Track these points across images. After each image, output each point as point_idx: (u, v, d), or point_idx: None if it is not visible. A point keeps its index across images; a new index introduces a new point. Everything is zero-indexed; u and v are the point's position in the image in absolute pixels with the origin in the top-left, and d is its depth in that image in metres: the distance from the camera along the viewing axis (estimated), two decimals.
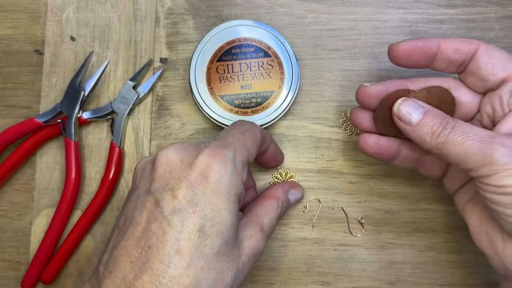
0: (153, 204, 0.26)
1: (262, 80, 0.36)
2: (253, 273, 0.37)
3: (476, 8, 0.39)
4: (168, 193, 0.26)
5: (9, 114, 0.39)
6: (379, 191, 0.38)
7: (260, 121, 0.36)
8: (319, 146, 0.38)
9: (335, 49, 0.39)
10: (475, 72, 0.31)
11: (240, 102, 0.36)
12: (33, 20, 0.40)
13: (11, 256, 0.38)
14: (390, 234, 0.37)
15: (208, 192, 0.26)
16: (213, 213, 0.26)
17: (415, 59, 0.31)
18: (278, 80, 0.36)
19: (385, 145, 0.33)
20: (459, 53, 0.31)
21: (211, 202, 0.26)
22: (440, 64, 0.31)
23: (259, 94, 0.36)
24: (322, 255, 0.37)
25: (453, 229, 0.37)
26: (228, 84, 0.36)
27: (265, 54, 0.36)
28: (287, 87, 0.36)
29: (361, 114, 0.33)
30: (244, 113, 0.36)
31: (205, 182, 0.26)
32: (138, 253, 0.25)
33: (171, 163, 0.27)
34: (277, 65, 0.36)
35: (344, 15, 0.39)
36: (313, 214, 0.38)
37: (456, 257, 0.37)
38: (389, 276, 0.37)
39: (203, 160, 0.26)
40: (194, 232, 0.25)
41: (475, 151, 0.26)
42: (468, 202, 0.31)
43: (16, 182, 0.38)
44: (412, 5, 0.39)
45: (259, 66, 0.36)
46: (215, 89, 0.36)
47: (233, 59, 0.36)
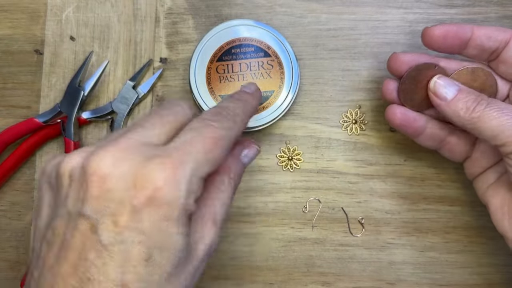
0: (89, 230, 0.21)
1: (262, 80, 0.36)
2: (253, 273, 0.37)
3: (476, 8, 0.39)
4: (107, 218, 0.21)
5: (9, 114, 0.39)
6: (379, 191, 0.38)
7: (260, 121, 0.36)
8: (319, 146, 0.38)
9: (335, 49, 0.38)
10: (508, 60, 0.31)
11: None
12: (32, 20, 0.40)
13: (11, 256, 0.38)
14: (390, 234, 0.37)
15: (157, 218, 0.21)
16: (162, 241, 0.22)
17: (449, 43, 0.31)
18: (278, 80, 0.36)
19: (412, 118, 0.33)
20: (492, 40, 0.31)
21: (160, 228, 0.22)
22: (473, 50, 0.31)
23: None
24: (322, 255, 0.37)
25: (454, 229, 0.37)
26: (228, 84, 0.36)
27: (265, 54, 0.36)
28: (287, 87, 0.36)
29: (393, 84, 0.33)
30: None
31: (153, 207, 0.21)
32: (77, 283, 0.21)
33: (108, 180, 0.21)
34: (277, 65, 0.36)
35: (344, 15, 0.39)
36: (313, 214, 0.38)
37: (457, 257, 0.37)
38: (389, 276, 0.37)
39: (151, 181, 0.21)
40: (140, 264, 0.21)
41: (510, 127, 0.26)
42: (490, 186, 0.32)
43: (16, 182, 0.38)
44: (413, 5, 0.39)
45: (259, 66, 0.36)
46: (215, 89, 0.36)
47: (233, 59, 0.36)
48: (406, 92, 0.33)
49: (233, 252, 0.37)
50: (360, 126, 0.38)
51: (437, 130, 0.33)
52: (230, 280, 0.37)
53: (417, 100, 0.33)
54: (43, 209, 0.24)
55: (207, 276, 0.37)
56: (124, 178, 0.22)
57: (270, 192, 0.38)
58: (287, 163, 0.38)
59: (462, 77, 0.32)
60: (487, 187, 0.32)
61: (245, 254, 0.37)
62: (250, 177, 0.38)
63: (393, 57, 0.33)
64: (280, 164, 0.38)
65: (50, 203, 0.24)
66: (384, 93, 0.34)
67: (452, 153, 0.34)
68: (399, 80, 0.33)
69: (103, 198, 0.21)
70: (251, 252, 0.37)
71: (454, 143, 0.33)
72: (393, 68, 0.33)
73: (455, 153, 0.34)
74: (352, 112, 0.38)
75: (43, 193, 0.25)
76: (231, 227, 0.38)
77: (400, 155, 0.38)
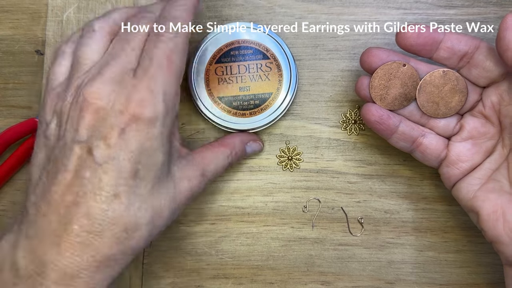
0: (86, 153, 0.26)
1: (260, 82, 0.36)
2: (253, 272, 0.37)
3: (475, 8, 0.39)
4: (101, 141, 0.26)
5: (10, 114, 0.39)
6: (378, 191, 0.38)
7: (258, 122, 0.36)
8: (319, 146, 0.38)
9: (334, 49, 0.39)
10: (479, 63, 0.31)
11: (238, 103, 0.36)
12: (33, 20, 0.40)
13: None
14: (389, 234, 0.37)
15: (141, 138, 0.26)
16: (146, 157, 0.27)
17: (422, 41, 0.31)
18: (276, 82, 0.36)
19: (386, 115, 0.33)
20: (463, 44, 0.31)
21: (143, 147, 0.26)
22: (444, 52, 0.32)
23: (257, 96, 0.36)
24: (322, 255, 0.37)
25: (453, 229, 0.37)
26: (226, 85, 0.36)
27: (263, 56, 0.36)
28: (285, 89, 0.36)
29: (366, 81, 0.33)
30: (242, 114, 0.36)
31: (137, 128, 0.26)
32: (73, 198, 0.26)
33: (101, 111, 0.26)
34: (276, 67, 0.36)
35: (343, 16, 0.39)
36: (313, 214, 0.38)
37: (456, 256, 0.37)
38: (388, 276, 0.37)
39: (132, 104, 0.26)
40: (130, 177, 0.26)
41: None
42: (478, 191, 0.32)
43: (16, 182, 0.38)
44: (412, 6, 0.39)
45: (258, 68, 0.36)
46: (213, 90, 0.36)
47: (232, 61, 0.36)
48: (377, 89, 0.33)
49: (233, 251, 0.38)
50: (360, 126, 0.38)
51: (410, 130, 0.33)
52: (230, 280, 0.37)
53: (388, 99, 0.33)
54: (40, 145, 0.29)
55: (207, 275, 0.37)
56: (113, 107, 0.26)
57: (270, 192, 0.38)
58: (287, 163, 0.38)
59: (435, 79, 0.32)
60: (474, 193, 0.32)
61: (245, 254, 0.37)
62: (250, 177, 0.38)
63: (367, 51, 0.33)
64: (280, 164, 0.38)
65: (45, 143, 0.28)
66: (357, 90, 0.34)
67: (425, 155, 0.34)
68: (371, 77, 0.33)
69: (96, 125, 0.26)
70: (251, 252, 0.37)
71: (426, 143, 0.33)
72: (366, 62, 0.33)
73: (428, 155, 0.33)
74: (352, 112, 0.38)
75: (43, 128, 0.29)
76: (231, 227, 0.38)
77: (399, 155, 0.38)
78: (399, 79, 0.33)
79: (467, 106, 0.33)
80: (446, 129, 0.34)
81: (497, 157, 0.32)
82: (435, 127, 0.34)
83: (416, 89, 0.33)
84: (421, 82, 0.33)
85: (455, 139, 0.33)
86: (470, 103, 0.33)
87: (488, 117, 0.33)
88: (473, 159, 0.32)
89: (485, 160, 0.32)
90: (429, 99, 0.33)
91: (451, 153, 0.33)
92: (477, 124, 0.33)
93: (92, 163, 0.26)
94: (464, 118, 0.33)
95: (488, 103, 0.32)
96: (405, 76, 0.33)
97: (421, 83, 0.33)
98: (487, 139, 0.33)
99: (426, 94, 0.33)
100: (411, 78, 0.33)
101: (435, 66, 0.33)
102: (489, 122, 0.33)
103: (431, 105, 0.33)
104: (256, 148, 0.37)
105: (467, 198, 0.32)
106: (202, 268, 0.37)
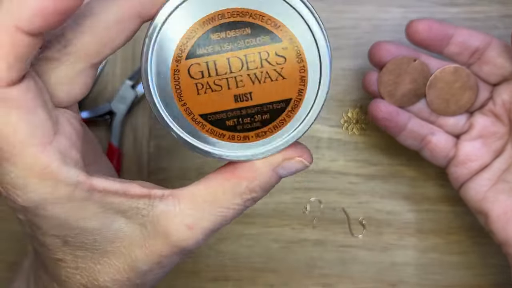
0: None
1: (269, 83, 0.21)
2: (253, 275, 0.37)
3: (478, 7, 0.39)
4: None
5: None
6: (380, 192, 0.37)
7: (271, 148, 0.22)
8: (320, 146, 0.38)
9: (336, 48, 0.38)
10: (491, 60, 0.31)
11: (235, 122, 0.22)
12: None
13: (9, 258, 0.37)
14: (392, 235, 0.37)
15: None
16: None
17: (433, 35, 0.31)
18: (296, 80, 0.21)
19: (395, 112, 0.32)
20: (474, 39, 0.31)
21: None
22: (455, 47, 0.31)
23: (266, 107, 0.22)
24: (323, 257, 0.37)
25: (457, 230, 0.37)
26: (211, 95, 0.21)
27: (271, 37, 0.21)
28: (314, 90, 0.21)
29: (374, 76, 0.33)
30: (244, 138, 0.22)
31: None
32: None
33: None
34: (294, 54, 0.21)
35: (345, 14, 0.39)
36: (314, 215, 0.37)
37: (459, 258, 0.37)
38: (391, 278, 0.37)
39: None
40: None
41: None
42: (488, 190, 0.31)
43: None
44: (414, 4, 0.39)
45: (262, 59, 0.21)
46: (191, 105, 0.21)
47: (216, 52, 0.21)
48: (386, 85, 0.32)
49: (233, 253, 0.37)
50: (361, 126, 0.38)
51: (418, 127, 0.33)
52: (230, 282, 0.37)
53: (397, 95, 0.32)
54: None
55: (207, 277, 0.37)
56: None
57: (271, 192, 0.37)
58: None
59: (445, 75, 0.32)
60: (483, 194, 0.31)
61: (245, 255, 0.37)
62: None
63: (376, 45, 0.32)
64: None
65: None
66: (365, 85, 0.33)
67: (433, 154, 0.33)
68: (379, 72, 0.32)
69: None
70: (251, 253, 0.37)
71: (435, 142, 0.33)
72: (376, 56, 0.32)
73: (436, 153, 0.33)
74: (353, 112, 0.38)
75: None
76: (231, 228, 0.37)
77: (402, 155, 0.38)
78: (409, 74, 0.32)
79: (477, 104, 0.33)
80: (455, 127, 0.33)
81: (507, 157, 0.32)
82: (444, 125, 0.33)
83: (426, 85, 0.32)
84: (431, 78, 0.32)
85: (464, 138, 0.33)
86: (481, 101, 0.33)
87: (498, 116, 0.32)
88: (482, 159, 0.32)
89: (494, 160, 0.32)
90: (439, 96, 0.32)
91: (460, 152, 0.32)
92: (487, 123, 0.32)
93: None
94: (474, 117, 0.33)
95: (499, 101, 0.32)
96: (415, 71, 0.32)
97: (431, 79, 0.32)
98: (497, 139, 0.32)
99: (436, 91, 0.32)
100: (421, 74, 0.32)
101: (444, 62, 0.32)
102: (500, 121, 0.32)
103: (441, 102, 0.33)
104: (296, 168, 0.22)
105: (476, 199, 0.31)
106: (201, 270, 0.37)
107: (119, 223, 0.20)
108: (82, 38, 0.19)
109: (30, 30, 0.16)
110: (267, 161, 0.21)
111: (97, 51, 0.19)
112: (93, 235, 0.20)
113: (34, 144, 0.18)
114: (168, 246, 0.20)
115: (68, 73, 0.19)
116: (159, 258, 0.21)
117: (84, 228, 0.20)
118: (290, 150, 0.21)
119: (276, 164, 0.21)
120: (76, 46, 0.19)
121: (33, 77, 0.18)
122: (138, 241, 0.21)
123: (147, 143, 0.38)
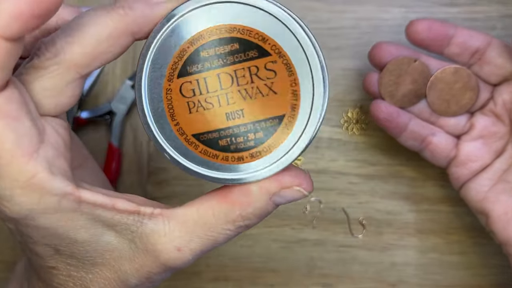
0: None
1: (260, 99, 0.21)
2: (253, 275, 0.37)
3: (478, 7, 0.38)
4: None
5: None
6: (380, 192, 0.37)
7: (265, 171, 0.21)
8: (320, 146, 0.38)
9: (336, 48, 0.38)
10: (492, 60, 0.31)
11: (229, 142, 0.21)
12: None
13: (7, 258, 0.37)
14: (392, 235, 0.37)
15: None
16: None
17: (433, 35, 0.31)
18: (288, 94, 0.21)
19: (396, 113, 0.32)
20: (474, 39, 0.31)
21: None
22: (455, 48, 0.31)
23: (259, 124, 0.21)
24: (323, 257, 0.37)
25: (456, 230, 0.37)
26: (203, 114, 0.21)
27: (259, 52, 0.21)
28: (308, 102, 0.21)
29: (375, 77, 0.33)
30: (238, 159, 0.21)
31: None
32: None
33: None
34: (284, 68, 0.21)
35: (345, 14, 0.39)
36: (314, 215, 0.37)
37: (459, 258, 0.37)
38: (391, 278, 0.37)
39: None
40: None
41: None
42: (489, 190, 0.31)
43: None
44: (414, 4, 0.39)
45: (252, 74, 0.21)
46: (183, 125, 0.21)
47: (206, 69, 0.21)
48: (386, 86, 0.32)
49: (233, 253, 0.37)
50: (362, 126, 0.38)
51: (419, 128, 0.33)
52: (230, 282, 0.37)
53: (397, 96, 0.32)
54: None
55: (207, 278, 0.37)
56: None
57: None
58: None
59: (446, 76, 0.32)
60: (483, 195, 0.31)
61: (245, 255, 0.37)
62: None
63: (377, 46, 0.32)
64: None
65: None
66: (366, 86, 0.33)
67: (434, 154, 0.33)
68: (380, 72, 0.32)
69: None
70: (251, 253, 0.37)
71: (436, 142, 0.33)
72: (376, 57, 0.32)
73: (437, 154, 0.33)
74: (353, 112, 0.38)
75: None
76: None
77: (402, 156, 0.38)
78: (409, 75, 0.32)
79: (477, 104, 0.33)
80: (456, 127, 0.33)
81: (507, 157, 0.32)
82: (444, 126, 0.33)
83: (427, 86, 0.32)
84: (432, 78, 0.32)
85: (465, 138, 0.33)
86: (481, 101, 0.33)
87: (499, 116, 0.32)
88: (483, 159, 0.32)
89: (495, 160, 0.32)
90: (439, 97, 0.32)
91: (460, 153, 0.32)
92: (487, 123, 0.32)
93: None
94: (475, 117, 0.33)
95: (499, 101, 0.32)
96: (416, 72, 0.32)
97: (432, 79, 0.32)
98: (498, 139, 0.32)
99: (437, 92, 0.32)
100: (421, 74, 0.32)
101: (444, 63, 0.32)
102: (500, 121, 0.32)
103: (442, 103, 0.33)
104: (294, 197, 0.21)
105: (477, 199, 0.32)
106: (201, 270, 0.37)
107: (109, 236, 0.20)
108: (72, 49, 0.19)
109: (8, 35, 0.16)
110: (264, 187, 0.20)
111: (87, 63, 0.19)
112: (83, 247, 0.20)
113: (19, 154, 0.17)
114: (156, 264, 0.20)
115: (56, 82, 0.19)
116: (148, 274, 0.21)
117: (74, 239, 0.19)
118: (288, 176, 0.20)
119: (273, 191, 0.20)
120: (65, 56, 0.18)
121: (17, 86, 0.18)
122: (127, 256, 0.20)
123: (147, 143, 0.38)
